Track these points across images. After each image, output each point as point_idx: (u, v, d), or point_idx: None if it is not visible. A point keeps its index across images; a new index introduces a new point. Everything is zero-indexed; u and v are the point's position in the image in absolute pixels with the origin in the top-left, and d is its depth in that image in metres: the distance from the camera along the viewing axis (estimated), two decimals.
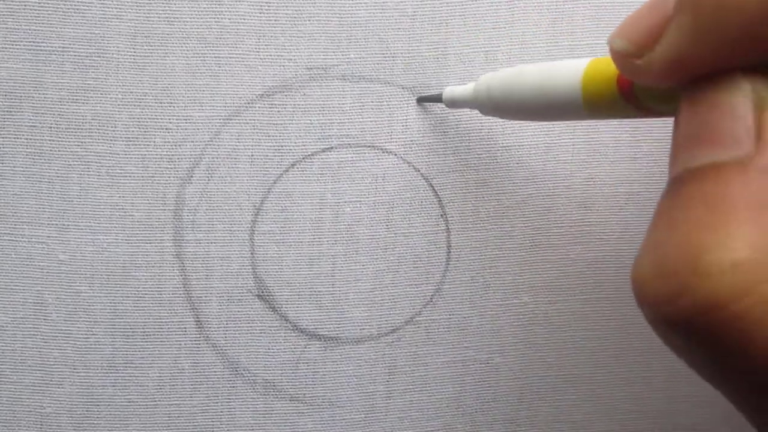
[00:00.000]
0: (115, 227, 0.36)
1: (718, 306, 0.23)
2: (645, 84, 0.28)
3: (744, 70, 0.26)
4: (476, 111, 0.36)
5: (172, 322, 0.36)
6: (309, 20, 0.36)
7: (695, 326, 0.24)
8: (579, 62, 0.31)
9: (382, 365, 0.38)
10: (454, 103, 0.36)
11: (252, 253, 0.37)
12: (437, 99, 0.37)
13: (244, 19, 0.35)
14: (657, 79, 0.27)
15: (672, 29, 0.26)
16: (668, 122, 0.39)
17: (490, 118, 0.36)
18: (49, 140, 0.35)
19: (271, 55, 0.36)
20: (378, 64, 0.36)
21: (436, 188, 0.37)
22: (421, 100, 0.37)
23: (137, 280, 0.36)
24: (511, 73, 0.33)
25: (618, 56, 0.27)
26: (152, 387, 0.37)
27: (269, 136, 0.36)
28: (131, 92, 0.35)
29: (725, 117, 0.25)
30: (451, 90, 0.36)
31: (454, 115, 0.37)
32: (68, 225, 0.36)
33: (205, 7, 0.35)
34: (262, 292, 0.37)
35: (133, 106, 0.35)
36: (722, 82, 0.26)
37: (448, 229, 0.38)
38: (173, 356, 0.37)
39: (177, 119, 0.36)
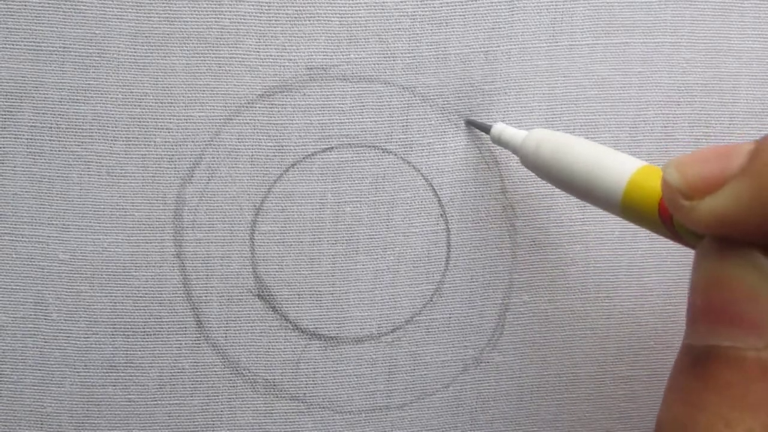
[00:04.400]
0: (116, 227, 0.36)
1: None
2: (684, 225, 0.28)
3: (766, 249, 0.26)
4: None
5: (173, 321, 0.36)
6: (309, 20, 0.36)
7: None
8: (630, 163, 0.31)
9: (382, 365, 0.38)
10: (499, 142, 0.36)
11: (252, 253, 0.37)
12: (485, 130, 0.37)
13: (244, 19, 0.35)
14: (695, 226, 0.27)
15: (729, 188, 0.26)
16: (668, 130, 0.39)
17: None
18: (49, 140, 0.35)
19: (271, 55, 0.36)
20: (378, 64, 0.36)
21: (435, 188, 0.38)
22: (470, 125, 0.37)
23: (137, 279, 0.36)
24: (564, 142, 0.33)
25: (668, 188, 0.27)
26: (152, 387, 0.37)
27: (269, 136, 0.36)
28: (131, 92, 0.35)
29: (746, 301, 0.26)
30: (502, 129, 0.36)
31: (450, 120, 0.37)
32: (68, 225, 0.36)
33: (205, 7, 0.35)
34: (263, 291, 0.37)
35: (133, 106, 0.35)
36: (746, 258, 0.26)
37: (448, 228, 0.38)
38: (173, 356, 0.37)
39: (177, 119, 0.36)
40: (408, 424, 0.39)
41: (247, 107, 0.36)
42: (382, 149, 0.37)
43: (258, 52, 0.36)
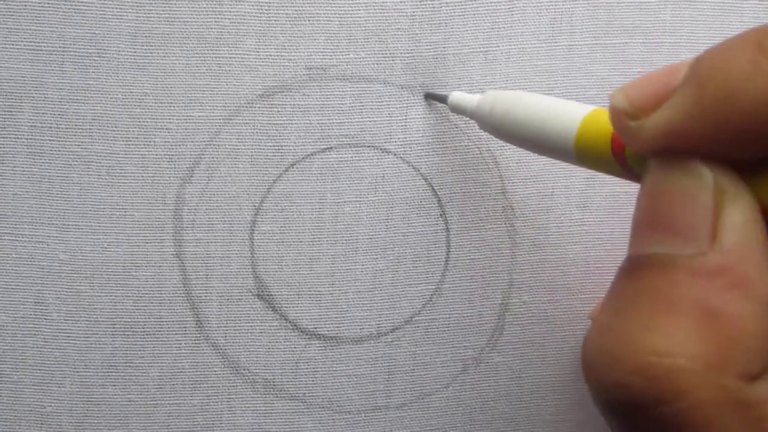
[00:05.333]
0: (115, 227, 0.36)
1: (648, 406, 0.25)
2: (633, 148, 0.27)
3: (709, 160, 0.25)
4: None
5: (172, 321, 0.37)
6: (309, 20, 0.36)
7: (626, 417, 0.26)
8: (581, 108, 0.31)
9: (381, 365, 0.38)
10: (457, 109, 0.36)
11: (252, 253, 0.37)
12: (443, 100, 0.37)
13: (244, 19, 0.35)
14: (644, 146, 0.27)
15: (673, 99, 0.26)
16: None
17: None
18: (49, 140, 0.35)
19: (271, 55, 0.36)
20: (377, 64, 0.36)
21: (435, 188, 0.38)
22: (429, 97, 0.37)
23: (137, 279, 0.36)
24: (516, 98, 0.33)
25: (614, 113, 0.27)
26: (152, 386, 0.37)
27: (269, 136, 0.36)
28: (131, 92, 0.35)
29: (684, 207, 0.26)
30: (458, 96, 0.36)
31: (453, 114, 0.37)
32: (68, 225, 0.36)
33: (205, 7, 0.35)
34: (262, 291, 0.37)
35: (133, 106, 0.35)
36: (687, 167, 0.26)
37: (447, 228, 0.38)
38: (173, 356, 0.37)
39: (177, 119, 0.36)
40: (407, 424, 0.39)
41: (246, 107, 0.36)
42: (381, 149, 0.37)
43: (258, 52, 0.36)
